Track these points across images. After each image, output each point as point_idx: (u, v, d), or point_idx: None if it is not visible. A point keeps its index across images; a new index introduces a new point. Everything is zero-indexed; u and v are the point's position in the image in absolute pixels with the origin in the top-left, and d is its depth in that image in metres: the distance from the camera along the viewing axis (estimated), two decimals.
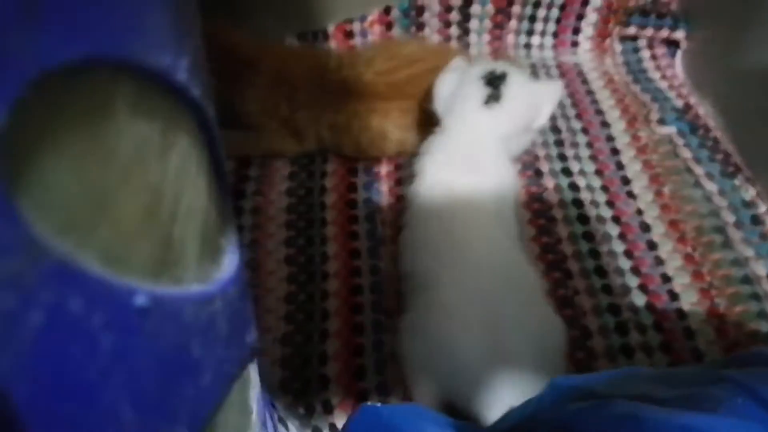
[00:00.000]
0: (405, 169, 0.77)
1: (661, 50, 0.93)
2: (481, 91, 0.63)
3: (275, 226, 0.73)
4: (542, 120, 0.66)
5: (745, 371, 0.32)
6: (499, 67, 0.65)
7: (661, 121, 0.83)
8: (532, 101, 0.64)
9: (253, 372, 0.32)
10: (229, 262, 0.26)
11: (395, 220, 0.73)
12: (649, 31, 0.91)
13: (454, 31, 0.94)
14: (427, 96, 0.69)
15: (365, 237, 0.71)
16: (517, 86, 0.64)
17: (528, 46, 0.98)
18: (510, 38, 0.97)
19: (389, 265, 0.68)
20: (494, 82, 0.63)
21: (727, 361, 0.40)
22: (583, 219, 0.73)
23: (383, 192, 0.76)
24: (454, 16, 0.93)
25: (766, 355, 0.36)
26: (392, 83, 0.73)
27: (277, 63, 0.74)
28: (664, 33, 0.91)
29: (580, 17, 0.92)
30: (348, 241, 0.71)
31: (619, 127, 0.83)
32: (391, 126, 0.73)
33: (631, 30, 0.91)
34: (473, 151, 0.62)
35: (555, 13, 0.94)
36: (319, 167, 0.79)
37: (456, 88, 0.64)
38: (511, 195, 0.63)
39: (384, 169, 0.79)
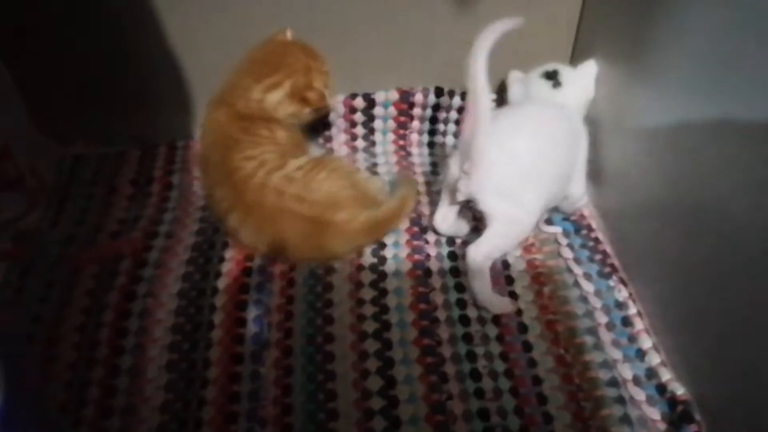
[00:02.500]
0: (297, 271, 0.80)
1: None
2: (546, 83, 0.83)
3: (162, 330, 0.73)
4: (592, 93, 0.85)
5: None
6: (550, 66, 0.84)
7: (548, 221, 0.87)
8: (581, 82, 0.84)
9: None
10: None
11: (282, 322, 0.74)
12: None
13: (359, 130, 0.98)
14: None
15: (251, 341, 0.72)
16: (566, 75, 0.84)
17: (431, 144, 1.02)
18: (414, 137, 1.01)
19: (271, 372, 0.69)
20: (551, 75, 0.83)
21: None
22: (465, 320, 0.75)
23: (275, 293, 0.78)
24: (359, 116, 0.97)
25: None
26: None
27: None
28: None
29: None
30: (232, 345, 0.72)
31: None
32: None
33: None
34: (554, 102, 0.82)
35: (453, 115, 0.99)
36: (214, 267, 0.80)
37: (524, 91, 0.85)
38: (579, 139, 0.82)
39: (278, 269, 0.80)
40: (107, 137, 0.97)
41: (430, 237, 0.85)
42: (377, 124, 0.99)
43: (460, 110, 0.99)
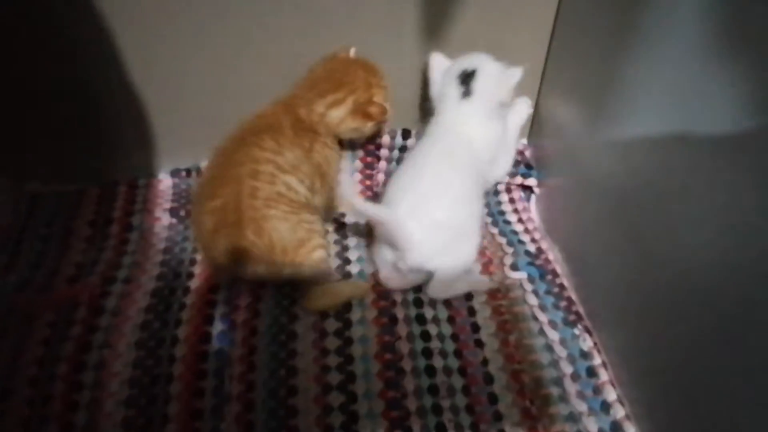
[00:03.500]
0: (260, 319, 0.78)
1: (517, 194, 0.99)
2: (457, 89, 0.83)
3: (118, 383, 0.71)
4: (507, 101, 0.84)
5: None
6: (471, 63, 0.83)
7: (514, 266, 0.87)
8: (497, 89, 0.82)
9: None
10: None
11: (244, 374, 0.72)
12: (505, 177, 0.96)
13: None
14: None
15: (211, 394, 0.71)
16: (484, 79, 0.82)
17: None
18: (380, 177, 1.01)
19: (231, 427, 0.68)
20: (466, 80, 0.82)
21: None
22: (431, 371, 0.74)
23: (237, 343, 0.76)
24: None
25: None
26: None
27: None
28: (519, 179, 0.97)
29: None
30: (192, 400, 0.70)
31: (475, 270, 0.85)
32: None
33: None
34: (454, 121, 0.84)
35: None
36: (174, 314, 0.78)
37: (441, 85, 0.85)
38: (481, 150, 0.84)
39: (241, 316, 0.79)
40: (65, 175, 0.94)
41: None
42: (343, 164, 0.98)
43: None
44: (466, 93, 0.83)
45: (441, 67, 0.86)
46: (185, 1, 0.79)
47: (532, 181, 0.96)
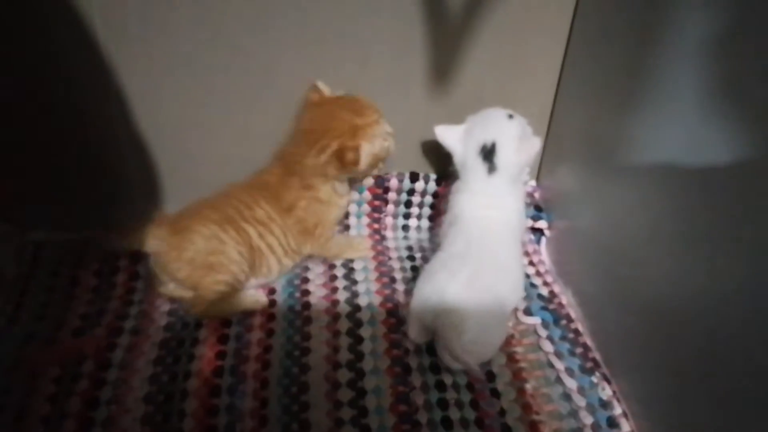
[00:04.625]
0: (270, 371, 0.77)
1: (528, 237, 0.98)
2: (482, 165, 0.81)
3: None
4: (530, 166, 0.86)
5: None
6: (488, 135, 0.81)
7: (527, 311, 0.86)
8: (521, 157, 0.81)
9: None
10: None
11: (255, 429, 0.70)
12: None
13: None
14: None
15: None
16: (504, 152, 0.80)
17: (406, 228, 1.01)
18: (388, 220, 1.00)
19: None
20: (488, 156, 0.80)
21: None
22: (447, 423, 0.72)
23: (248, 395, 0.74)
24: None
25: None
26: None
27: None
28: (529, 222, 0.96)
29: None
30: None
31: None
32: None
33: None
34: (486, 200, 0.81)
35: (428, 199, 0.98)
36: (183, 367, 0.77)
37: (462, 157, 0.83)
38: (516, 221, 0.82)
39: (251, 368, 0.77)
40: (69, 222, 0.93)
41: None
42: (352, 207, 0.98)
43: (435, 195, 0.99)
44: (491, 169, 0.81)
45: (452, 136, 0.84)
46: (190, 52, 0.80)
47: (542, 224, 0.95)
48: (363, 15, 0.81)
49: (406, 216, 1.00)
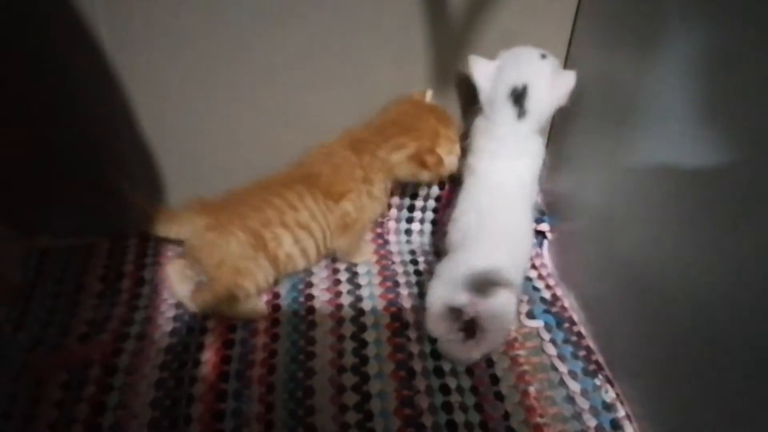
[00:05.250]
0: (276, 375, 0.77)
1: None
2: (511, 109, 0.78)
3: None
4: (564, 102, 0.80)
5: None
6: (520, 76, 0.78)
7: (530, 314, 0.86)
8: (552, 99, 0.79)
9: None
10: None
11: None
12: None
13: None
14: None
15: None
16: (536, 95, 0.78)
17: (408, 232, 1.01)
18: (391, 224, 1.01)
19: None
20: (519, 99, 0.78)
21: None
22: (452, 426, 0.72)
23: (254, 400, 0.75)
24: None
25: None
26: None
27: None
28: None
29: None
30: None
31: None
32: None
33: None
34: (510, 147, 0.81)
35: (431, 203, 0.99)
36: (189, 372, 0.77)
37: (490, 96, 0.80)
38: (536, 168, 0.83)
39: (256, 372, 0.77)
40: (74, 229, 0.93)
41: (412, 333, 0.83)
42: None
43: (438, 199, 0.99)
44: (521, 114, 0.79)
45: (484, 72, 0.81)
46: (195, 56, 0.80)
47: (544, 227, 0.96)
48: (364, 20, 0.81)
49: (409, 220, 1.01)
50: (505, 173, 0.80)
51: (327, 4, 0.80)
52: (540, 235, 0.98)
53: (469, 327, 0.79)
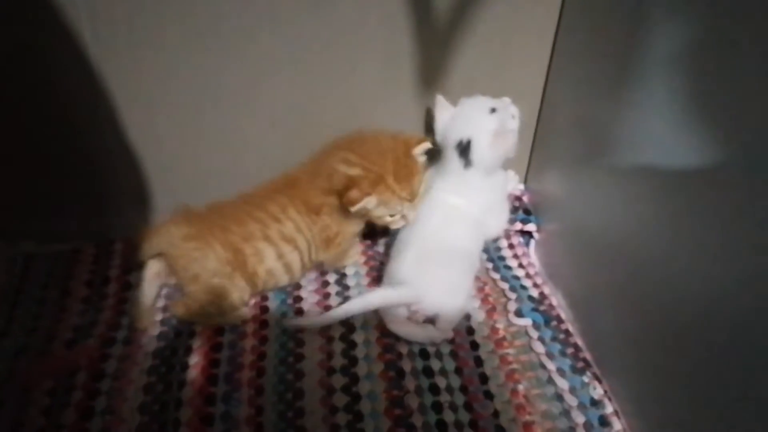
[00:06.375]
0: (265, 377, 0.76)
1: (516, 239, 0.99)
2: (458, 160, 0.85)
3: None
4: (511, 154, 0.85)
5: None
6: (466, 131, 0.84)
7: (518, 313, 0.87)
8: (494, 154, 0.84)
9: None
10: None
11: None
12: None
13: None
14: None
15: None
16: (479, 149, 0.83)
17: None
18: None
19: None
20: (464, 152, 0.84)
21: None
22: (442, 426, 0.73)
23: (243, 402, 0.75)
24: None
25: None
26: None
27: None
28: (518, 225, 0.97)
29: None
30: None
31: (478, 319, 0.85)
32: None
33: None
34: (462, 188, 0.86)
35: None
36: (177, 376, 0.77)
37: (443, 139, 0.87)
38: (480, 213, 0.87)
39: (245, 375, 0.77)
40: (59, 233, 0.92)
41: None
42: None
43: None
44: (467, 164, 0.84)
45: (443, 116, 0.86)
46: (179, 63, 0.80)
47: (531, 227, 0.97)
48: (351, 23, 0.81)
49: None
50: (453, 202, 0.86)
51: (314, 11, 0.80)
52: (527, 234, 0.98)
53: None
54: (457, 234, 0.84)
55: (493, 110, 0.83)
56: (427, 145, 0.82)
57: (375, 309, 0.82)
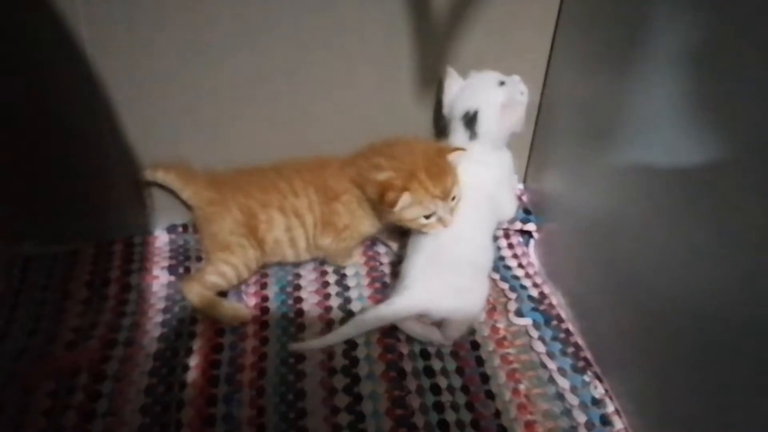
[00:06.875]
0: (266, 379, 0.76)
1: (516, 239, 0.99)
2: (463, 131, 0.84)
3: None
4: (518, 129, 0.84)
5: None
6: (473, 102, 0.83)
7: (518, 312, 0.87)
8: (501, 127, 0.83)
9: None
10: None
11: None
12: (504, 224, 0.97)
13: None
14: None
15: None
16: (486, 121, 0.82)
17: None
18: None
19: None
20: (470, 123, 0.83)
21: None
22: (444, 426, 0.73)
23: (244, 404, 0.74)
24: None
25: None
26: None
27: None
28: (517, 225, 0.97)
29: None
30: None
31: (479, 318, 0.86)
32: None
33: None
34: (468, 163, 0.83)
35: None
36: (178, 378, 0.77)
37: (450, 111, 0.87)
38: (491, 186, 0.85)
39: (246, 376, 0.77)
40: (58, 235, 0.92)
41: (402, 333, 0.83)
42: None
43: None
44: (472, 136, 0.83)
45: (452, 87, 0.86)
46: (177, 63, 0.80)
47: (530, 226, 0.97)
48: (350, 22, 0.81)
49: None
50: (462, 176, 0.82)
51: (314, 11, 0.80)
52: (526, 234, 0.99)
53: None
54: (469, 224, 0.82)
55: (502, 83, 0.83)
56: (462, 152, 0.80)
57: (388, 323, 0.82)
